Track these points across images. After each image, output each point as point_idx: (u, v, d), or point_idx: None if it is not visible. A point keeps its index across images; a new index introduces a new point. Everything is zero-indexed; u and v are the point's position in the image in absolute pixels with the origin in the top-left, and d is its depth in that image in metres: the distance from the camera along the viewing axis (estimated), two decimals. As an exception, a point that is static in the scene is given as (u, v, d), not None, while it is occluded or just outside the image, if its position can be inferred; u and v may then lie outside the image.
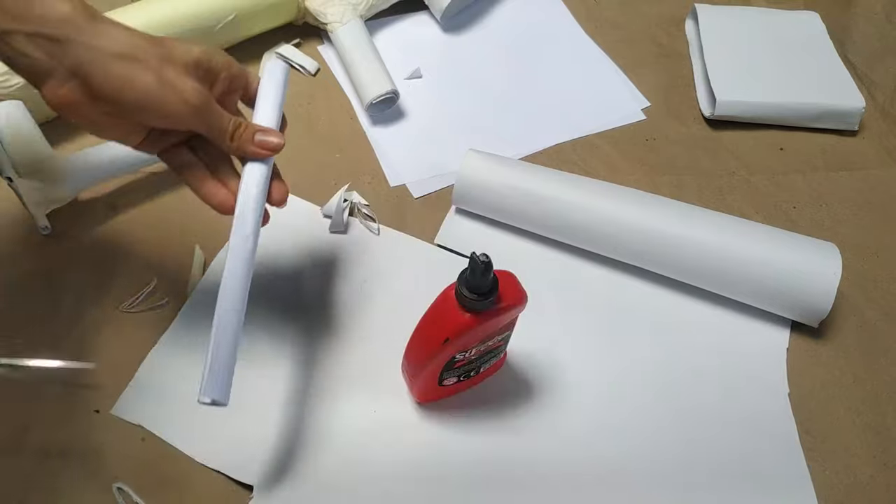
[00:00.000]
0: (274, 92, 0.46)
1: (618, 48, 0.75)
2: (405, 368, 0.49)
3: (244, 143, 0.43)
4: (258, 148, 0.44)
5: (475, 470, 0.49)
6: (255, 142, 0.44)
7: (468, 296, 0.40)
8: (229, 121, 0.43)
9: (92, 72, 0.38)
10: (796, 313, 0.55)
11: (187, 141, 0.45)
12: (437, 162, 0.65)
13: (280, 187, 0.46)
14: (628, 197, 0.57)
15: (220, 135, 0.43)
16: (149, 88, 0.39)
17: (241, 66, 0.45)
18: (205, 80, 0.42)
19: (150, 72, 0.39)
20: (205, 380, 0.39)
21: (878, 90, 0.73)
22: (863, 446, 0.52)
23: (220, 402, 0.39)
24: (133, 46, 0.39)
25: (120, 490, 0.46)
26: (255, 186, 0.44)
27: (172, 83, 0.40)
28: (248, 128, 0.44)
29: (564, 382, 0.53)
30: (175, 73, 0.40)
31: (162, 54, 0.40)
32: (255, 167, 0.44)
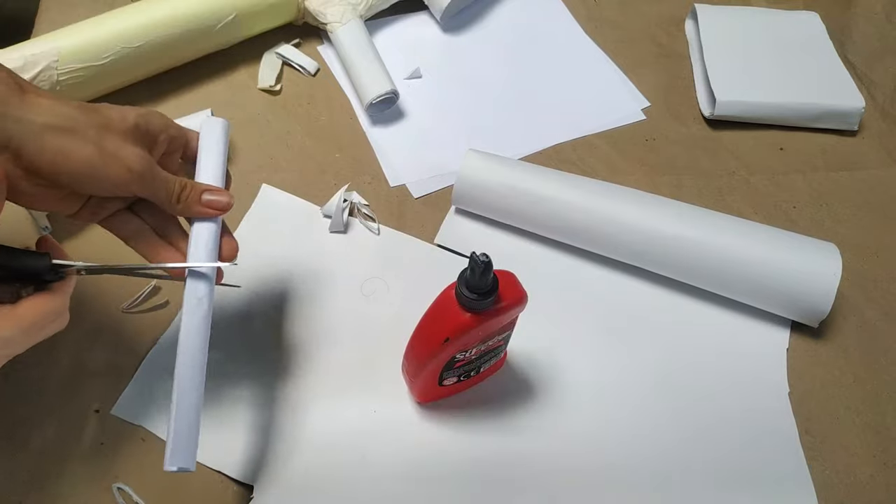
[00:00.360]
0: (216, 148, 0.45)
1: (618, 48, 0.75)
2: (405, 368, 0.49)
3: (191, 203, 0.42)
4: (206, 208, 0.43)
5: (475, 470, 0.49)
6: (203, 202, 0.43)
7: (468, 296, 0.40)
8: (174, 183, 0.42)
9: (23, 146, 0.36)
10: (796, 313, 0.55)
11: (130, 206, 0.44)
12: (436, 162, 0.65)
13: (230, 243, 0.45)
14: (628, 197, 0.57)
15: (166, 198, 0.42)
16: (89, 160, 0.38)
17: (179, 126, 0.44)
18: (144, 143, 0.41)
19: (89, 143, 0.38)
20: (170, 449, 0.39)
21: (878, 90, 0.73)
22: (863, 446, 0.52)
23: (187, 468, 0.39)
24: (66, 118, 0.38)
25: (120, 490, 0.46)
26: (204, 248, 0.43)
27: (113, 152, 0.39)
28: (195, 188, 0.43)
29: (564, 382, 0.53)
30: (115, 142, 0.39)
31: (98, 123, 0.39)
32: (203, 227, 0.43)
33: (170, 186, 0.42)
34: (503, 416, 0.52)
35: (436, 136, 0.67)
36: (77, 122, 0.38)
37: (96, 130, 0.38)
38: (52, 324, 0.38)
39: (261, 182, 0.62)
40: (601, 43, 0.76)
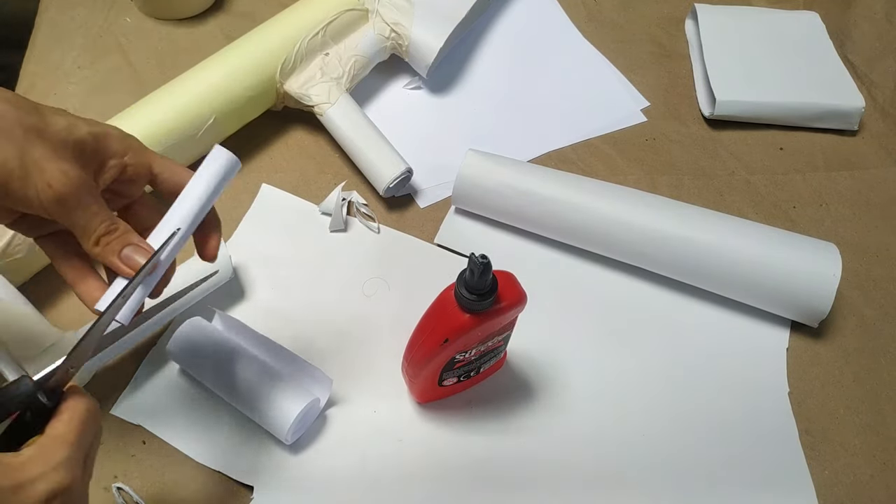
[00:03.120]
0: (203, 187, 0.39)
1: (618, 48, 0.75)
2: (405, 369, 0.49)
3: (108, 252, 0.36)
4: (122, 263, 0.36)
5: (475, 470, 0.49)
6: (122, 255, 0.36)
7: (467, 296, 0.40)
8: (100, 222, 0.35)
9: None
10: (796, 313, 0.55)
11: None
12: (438, 170, 0.64)
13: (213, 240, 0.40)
14: (628, 197, 0.57)
15: (83, 234, 0.35)
16: (4, 165, 0.32)
17: (143, 153, 0.38)
18: (88, 164, 0.35)
19: (10, 145, 0.32)
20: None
21: (878, 90, 0.73)
22: (862, 446, 0.52)
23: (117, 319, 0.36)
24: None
25: (120, 490, 0.46)
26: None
27: (37, 162, 0.33)
28: (121, 237, 0.36)
29: (564, 382, 0.53)
30: (43, 151, 0.33)
31: (32, 125, 0.33)
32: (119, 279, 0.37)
33: (92, 222, 0.35)
34: (503, 416, 0.52)
35: (437, 145, 0.67)
36: (4, 119, 0.33)
37: (24, 133, 0.33)
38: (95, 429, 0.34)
39: (261, 182, 0.62)
40: (601, 43, 0.76)
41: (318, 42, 0.63)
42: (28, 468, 0.30)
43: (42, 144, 0.33)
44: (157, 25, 0.72)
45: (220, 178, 0.39)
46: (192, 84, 0.59)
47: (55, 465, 0.31)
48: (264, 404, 0.47)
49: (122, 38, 0.71)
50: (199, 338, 0.50)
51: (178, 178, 0.39)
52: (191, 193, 0.39)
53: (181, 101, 0.58)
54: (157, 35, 0.72)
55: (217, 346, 0.49)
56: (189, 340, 0.50)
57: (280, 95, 0.63)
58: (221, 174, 0.40)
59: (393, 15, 0.66)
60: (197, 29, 0.73)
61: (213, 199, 0.39)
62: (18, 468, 0.30)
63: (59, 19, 0.72)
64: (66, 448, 0.32)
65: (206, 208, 0.39)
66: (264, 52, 0.61)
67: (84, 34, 0.71)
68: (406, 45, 0.66)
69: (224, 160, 0.40)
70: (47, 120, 0.34)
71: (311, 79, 0.62)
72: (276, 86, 0.62)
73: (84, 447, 0.33)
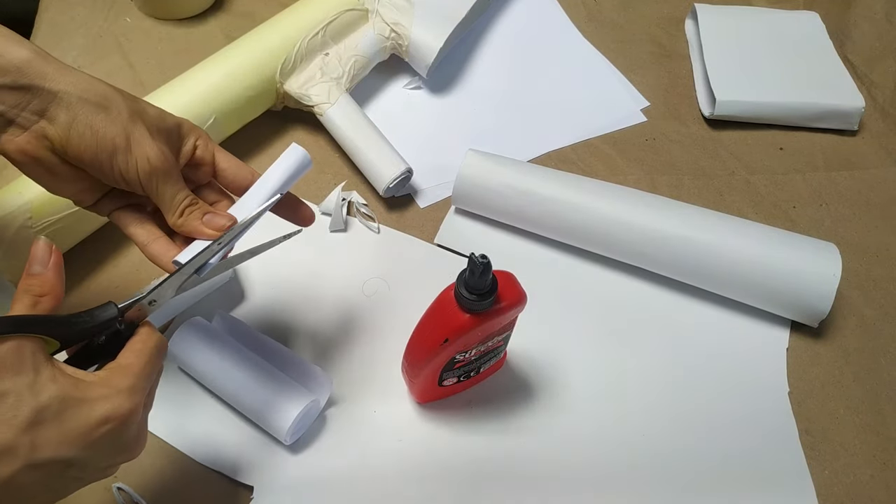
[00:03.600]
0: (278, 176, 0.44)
1: (618, 48, 0.75)
2: (405, 369, 0.49)
3: (191, 219, 0.41)
4: (204, 226, 0.41)
5: (475, 470, 0.49)
6: (204, 219, 0.41)
7: (467, 296, 0.40)
8: (185, 195, 0.41)
9: (57, 116, 0.36)
10: (796, 313, 0.55)
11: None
12: (439, 170, 0.64)
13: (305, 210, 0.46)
14: (628, 197, 0.57)
15: (169, 206, 0.40)
16: (114, 141, 0.37)
17: (210, 143, 0.44)
18: (172, 148, 0.41)
19: (118, 124, 0.38)
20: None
21: (878, 90, 0.73)
22: (862, 446, 0.52)
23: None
24: (102, 95, 0.38)
25: (120, 490, 0.46)
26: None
27: (139, 140, 0.38)
28: (202, 207, 0.41)
29: (564, 382, 0.53)
30: (143, 131, 0.38)
31: (134, 109, 0.39)
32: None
33: (179, 195, 0.40)
34: (503, 416, 0.52)
35: (437, 145, 0.67)
36: (112, 101, 0.38)
37: (129, 115, 0.38)
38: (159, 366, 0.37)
39: (261, 182, 0.62)
40: (601, 43, 0.76)
41: (318, 42, 0.63)
42: (95, 388, 0.33)
43: (142, 126, 0.39)
44: (157, 25, 0.72)
45: (292, 172, 0.44)
46: (192, 84, 0.59)
47: (119, 391, 0.33)
48: (263, 405, 0.47)
49: (122, 38, 0.71)
50: (199, 339, 0.50)
51: (239, 170, 0.44)
52: (266, 182, 0.43)
53: (181, 101, 0.58)
54: (157, 35, 0.72)
55: (216, 347, 0.49)
56: (188, 341, 0.50)
57: (280, 95, 0.63)
58: (294, 168, 0.44)
59: (393, 15, 0.66)
60: (197, 29, 0.73)
61: (284, 189, 0.43)
62: (88, 386, 0.33)
63: (59, 19, 0.72)
64: (131, 377, 0.34)
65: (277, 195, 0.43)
66: (264, 52, 0.61)
67: (84, 34, 0.71)
68: (406, 45, 0.66)
69: (299, 156, 0.44)
70: (144, 107, 0.40)
71: (311, 79, 0.62)
72: (276, 86, 0.62)
73: (149, 379, 0.36)
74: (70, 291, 0.55)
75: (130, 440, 0.35)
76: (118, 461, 0.35)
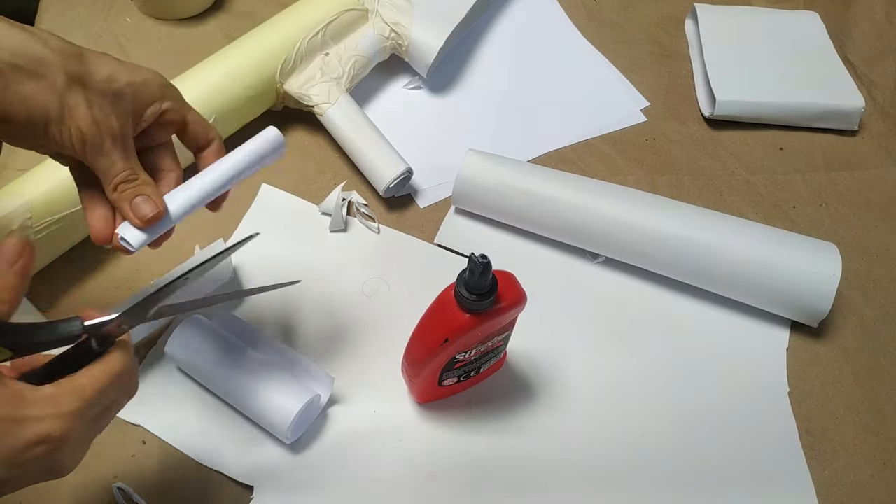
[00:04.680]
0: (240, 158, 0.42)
1: (618, 48, 0.75)
2: (405, 368, 0.49)
3: (121, 198, 0.39)
4: (130, 210, 0.39)
5: (475, 470, 0.49)
6: (132, 203, 0.39)
7: (467, 296, 0.40)
8: (120, 170, 0.38)
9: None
10: (796, 313, 0.55)
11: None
12: (438, 170, 0.64)
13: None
14: (628, 197, 0.57)
15: (104, 178, 0.38)
16: (45, 109, 0.35)
17: (183, 104, 0.42)
18: (125, 112, 0.38)
19: (51, 91, 0.35)
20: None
21: (878, 90, 0.73)
22: (862, 446, 0.52)
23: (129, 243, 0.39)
24: (35, 59, 0.35)
25: (120, 490, 0.46)
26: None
27: (73, 109, 0.36)
28: (137, 187, 0.39)
29: (564, 382, 0.53)
30: (81, 98, 0.36)
31: (73, 72, 0.36)
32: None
33: (113, 169, 0.38)
34: (503, 416, 0.52)
35: (437, 145, 0.67)
36: (46, 66, 0.35)
37: (66, 80, 0.35)
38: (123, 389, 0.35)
39: (261, 182, 0.62)
40: (601, 43, 0.76)
41: (318, 42, 0.63)
42: (37, 405, 0.31)
43: (81, 92, 0.36)
44: (157, 25, 0.72)
45: (258, 154, 0.43)
46: (192, 84, 0.59)
47: (61, 413, 0.31)
48: (264, 403, 0.47)
49: (122, 38, 0.71)
50: (198, 337, 0.50)
51: (206, 132, 0.43)
52: (226, 160, 0.42)
53: (181, 100, 0.58)
54: (157, 35, 0.72)
55: (216, 345, 0.49)
56: (188, 340, 0.49)
57: (280, 95, 0.63)
58: (262, 150, 0.43)
59: (393, 15, 0.66)
60: (197, 29, 0.73)
61: (245, 173, 0.42)
62: (26, 402, 0.30)
63: (59, 19, 0.72)
64: (79, 401, 0.32)
65: (233, 178, 0.42)
66: (264, 52, 0.61)
67: (84, 34, 0.71)
68: (406, 45, 0.66)
69: (269, 139, 0.43)
70: (90, 69, 0.37)
71: (311, 79, 0.62)
72: (276, 86, 0.62)
73: (100, 404, 0.33)
74: (69, 292, 0.55)
75: (62, 463, 0.32)
76: (43, 480, 0.33)
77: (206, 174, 0.42)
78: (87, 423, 0.32)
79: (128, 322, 0.36)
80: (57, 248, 0.54)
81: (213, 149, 0.44)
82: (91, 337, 0.34)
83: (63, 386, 0.32)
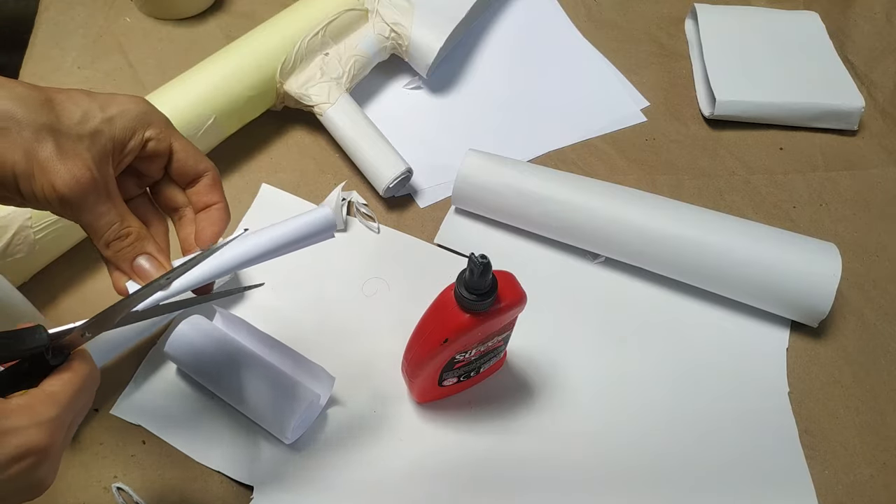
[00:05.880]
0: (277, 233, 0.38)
1: (618, 48, 0.75)
2: (405, 368, 0.49)
3: (119, 259, 0.36)
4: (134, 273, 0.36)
5: (475, 470, 0.49)
6: (134, 265, 0.36)
7: (467, 297, 0.40)
8: (109, 224, 0.35)
9: None
10: (796, 313, 0.55)
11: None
12: (439, 170, 0.64)
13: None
14: (628, 197, 0.57)
15: (93, 235, 0.35)
16: (14, 167, 0.32)
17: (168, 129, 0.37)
18: (105, 153, 0.34)
19: (19, 148, 0.32)
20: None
21: (878, 90, 0.73)
22: (862, 445, 0.52)
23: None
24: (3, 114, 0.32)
25: (120, 490, 0.46)
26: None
27: (43, 163, 0.32)
28: (134, 244, 0.36)
29: (564, 382, 0.53)
30: (52, 150, 0.32)
31: (42, 124, 0.32)
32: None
33: (100, 224, 0.34)
34: (503, 416, 0.52)
35: (437, 145, 0.67)
36: (13, 121, 0.32)
37: (34, 133, 0.32)
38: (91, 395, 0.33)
39: (261, 182, 0.62)
40: (601, 43, 0.76)
41: (318, 42, 0.63)
42: (12, 417, 0.29)
43: (52, 142, 0.33)
44: (157, 25, 0.72)
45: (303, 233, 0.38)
46: (192, 84, 0.59)
47: (39, 422, 0.29)
48: (265, 402, 0.47)
49: (122, 38, 0.71)
50: (199, 337, 0.50)
51: (196, 163, 0.38)
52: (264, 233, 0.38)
53: (181, 101, 0.58)
54: (157, 35, 0.72)
55: (215, 347, 0.49)
56: (188, 339, 0.49)
57: (280, 95, 0.63)
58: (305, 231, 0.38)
59: (393, 15, 0.66)
60: (197, 29, 0.73)
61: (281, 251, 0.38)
62: (2, 414, 0.29)
63: (59, 19, 0.72)
64: (56, 407, 0.30)
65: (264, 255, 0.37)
66: (264, 52, 0.61)
67: (84, 34, 0.71)
68: (406, 45, 0.66)
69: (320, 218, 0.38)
70: (60, 114, 0.33)
71: (311, 79, 0.62)
72: (276, 86, 0.62)
73: (73, 412, 0.32)
74: (69, 292, 0.55)
75: (42, 478, 0.30)
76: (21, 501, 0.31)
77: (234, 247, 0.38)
78: (62, 434, 0.31)
79: (91, 330, 0.34)
80: (57, 249, 0.54)
81: (207, 183, 0.39)
82: (49, 348, 0.33)
83: (36, 395, 0.31)
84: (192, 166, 0.38)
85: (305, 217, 0.38)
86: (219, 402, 0.50)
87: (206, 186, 0.39)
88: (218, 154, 0.62)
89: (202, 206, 0.39)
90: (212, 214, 0.39)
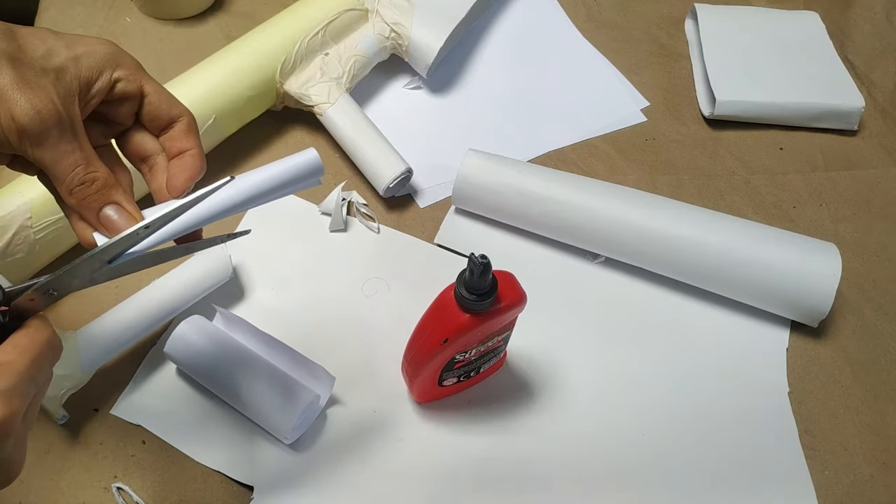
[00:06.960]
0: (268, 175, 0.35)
1: (618, 48, 0.75)
2: (405, 368, 0.49)
3: (83, 207, 0.32)
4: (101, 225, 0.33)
5: (475, 470, 0.49)
6: (100, 215, 0.32)
7: (467, 297, 0.40)
8: (73, 165, 0.31)
9: None
10: (796, 313, 0.55)
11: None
12: (439, 170, 0.64)
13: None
14: (628, 197, 0.57)
15: (55, 178, 0.32)
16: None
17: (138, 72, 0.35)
18: (70, 92, 0.32)
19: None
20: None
21: (878, 90, 0.73)
22: (862, 446, 0.52)
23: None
24: None
25: (120, 490, 0.46)
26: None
27: (3, 92, 0.29)
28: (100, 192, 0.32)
29: (564, 382, 0.53)
30: (13, 80, 0.30)
31: (3, 52, 0.30)
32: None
33: (63, 164, 0.31)
34: (503, 416, 0.52)
35: (437, 145, 0.67)
36: None
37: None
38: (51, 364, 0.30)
39: (261, 182, 0.62)
40: (601, 43, 0.76)
41: (318, 42, 0.63)
42: None
43: (12, 71, 0.30)
44: (157, 25, 0.72)
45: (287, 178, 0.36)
46: (192, 84, 0.59)
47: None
48: (265, 402, 0.47)
49: (122, 38, 0.71)
50: (198, 336, 0.50)
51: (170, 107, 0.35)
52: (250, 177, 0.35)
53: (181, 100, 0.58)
54: (157, 35, 0.72)
55: (215, 347, 0.49)
56: (188, 339, 0.49)
57: (280, 95, 0.63)
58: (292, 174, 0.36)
59: (393, 15, 0.66)
60: (197, 29, 0.73)
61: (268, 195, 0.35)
62: None
63: (59, 19, 0.72)
64: (12, 376, 0.27)
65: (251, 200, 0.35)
66: (264, 52, 0.61)
67: (84, 34, 0.71)
68: (406, 45, 0.66)
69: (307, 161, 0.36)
70: (22, 45, 0.31)
71: (311, 79, 0.62)
72: (276, 86, 0.62)
73: (34, 382, 0.29)
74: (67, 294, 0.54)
75: (8, 460, 0.28)
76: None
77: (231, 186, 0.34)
78: (22, 405, 0.28)
79: (57, 287, 0.31)
80: (57, 249, 0.54)
81: (181, 129, 0.36)
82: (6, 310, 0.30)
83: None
84: (166, 110, 0.35)
85: (292, 159, 0.36)
86: (219, 402, 0.50)
87: (180, 132, 0.36)
88: (218, 154, 0.62)
89: (175, 153, 0.36)
90: (185, 160, 0.35)
